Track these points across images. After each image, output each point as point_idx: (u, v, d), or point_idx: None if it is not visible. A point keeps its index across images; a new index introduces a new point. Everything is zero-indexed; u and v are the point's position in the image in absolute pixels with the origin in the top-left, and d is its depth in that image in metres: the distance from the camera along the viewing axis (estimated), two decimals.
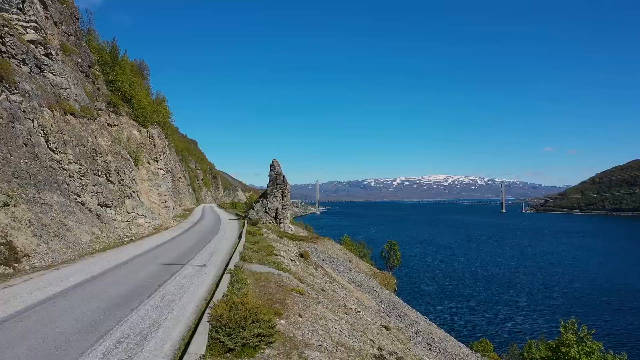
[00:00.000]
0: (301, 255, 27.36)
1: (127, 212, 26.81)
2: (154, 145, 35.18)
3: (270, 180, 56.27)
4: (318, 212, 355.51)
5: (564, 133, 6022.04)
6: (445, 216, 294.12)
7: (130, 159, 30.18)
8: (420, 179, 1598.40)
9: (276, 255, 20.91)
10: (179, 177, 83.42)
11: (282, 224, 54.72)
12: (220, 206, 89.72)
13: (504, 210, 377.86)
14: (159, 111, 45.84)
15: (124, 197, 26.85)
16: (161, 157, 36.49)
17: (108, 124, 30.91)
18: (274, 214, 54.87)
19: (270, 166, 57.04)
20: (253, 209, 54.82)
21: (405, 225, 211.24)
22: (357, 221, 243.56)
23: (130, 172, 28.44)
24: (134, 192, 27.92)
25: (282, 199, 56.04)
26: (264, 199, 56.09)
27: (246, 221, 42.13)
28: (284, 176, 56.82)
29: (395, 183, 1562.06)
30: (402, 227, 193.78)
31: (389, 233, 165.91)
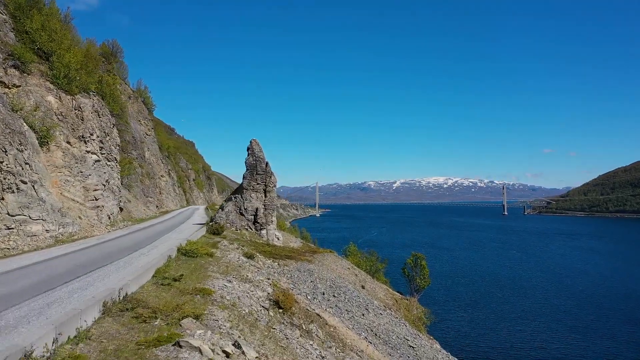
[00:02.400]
0: (277, 304, 14.79)
1: (8, 213, 16.83)
2: (82, 119, 24.99)
3: (247, 169, 41.41)
4: (318, 215, 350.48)
5: (564, 134, 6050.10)
6: (446, 218, 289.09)
7: (29, 133, 20.19)
8: (420, 181, 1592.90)
9: (180, 335, 7.66)
10: (161, 176, 74.33)
11: (264, 231, 40.57)
12: (208, 208, 79.74)
13: (505, 213, 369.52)
14: (106, 80, 35.36)
15: (4, 189, 16.87)
16: (94, 137, 26.36)
17: (2, 82, 20.92)
18: (252, 217, 40.49)
19: (248, 149, 42.04)
20: (222, 209, 40.65)
21: (407, 227, 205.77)
22: (357, 223, 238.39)
23: (22, 151, 18.43)
24: (24, 182, 17.90)
25: (265, 196, 41.51)
26: (239, 196, 41.28)
27: (205, 230, 30.18)
28: (267, 163, 42.29)
29: (395, 185, 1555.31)
30: (404, 230, 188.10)
31: (391, 236, 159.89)
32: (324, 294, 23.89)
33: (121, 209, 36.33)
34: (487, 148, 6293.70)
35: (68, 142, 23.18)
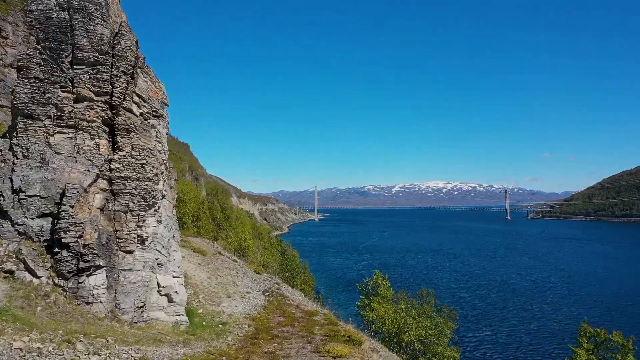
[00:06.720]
0: None
1: None
2: None
3: (38, 36, 13.62)
4: (317, 219, 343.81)
5: (562, 139, 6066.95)
6: (448, 222, 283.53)
7: None
8: (419, 186, 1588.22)
9: None
10: None
11: (89, 280, 12.62)
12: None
13: (508, 217, 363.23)
14: None
15: None
16: None
17: None
18: (39, 224, 13.04)
19: None
20: None
21: (409, 232, 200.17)
22: (357, 228, 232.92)
23: None
24: None
25: (115, 144, 14.17)
26: None
27: None
28: (125, 31, 15.13)
29: (394, 189, 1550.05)
30: (406, 235, 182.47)
31: (393, 241, 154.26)
32: None
33: None
34: (486, 153, 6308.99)
35: None
